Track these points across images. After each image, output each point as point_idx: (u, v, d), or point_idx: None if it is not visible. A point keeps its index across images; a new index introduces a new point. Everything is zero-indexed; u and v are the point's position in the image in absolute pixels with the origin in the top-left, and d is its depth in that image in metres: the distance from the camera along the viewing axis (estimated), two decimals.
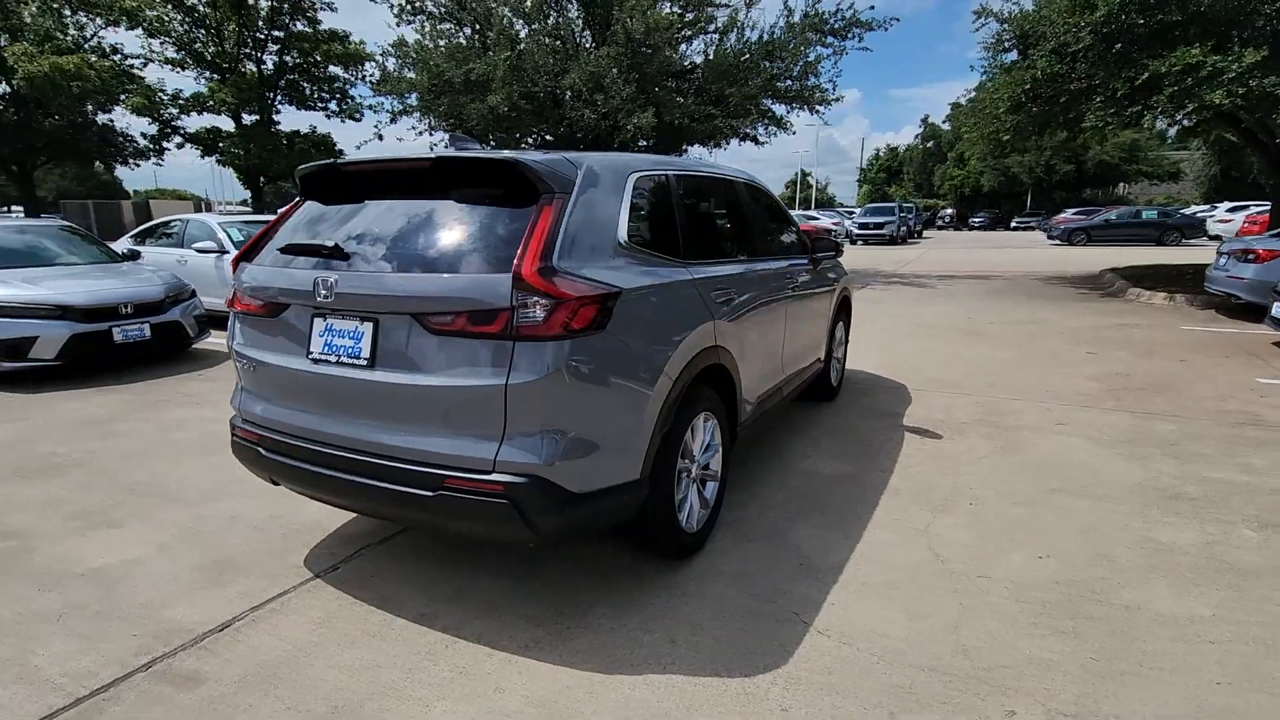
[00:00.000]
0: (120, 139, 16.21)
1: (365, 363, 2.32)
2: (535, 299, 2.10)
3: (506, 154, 2.37)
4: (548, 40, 13.30)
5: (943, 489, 3.64)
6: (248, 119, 16.60)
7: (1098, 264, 16.08)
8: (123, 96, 14.91)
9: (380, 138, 15.24)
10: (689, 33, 14.38)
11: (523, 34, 13.56)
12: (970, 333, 8.25)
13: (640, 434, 2.41)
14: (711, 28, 14.64)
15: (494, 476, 2.15)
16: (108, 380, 6.03)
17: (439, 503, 2.21)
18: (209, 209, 42.35)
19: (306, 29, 16.76)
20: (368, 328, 2.33)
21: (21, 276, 6.27)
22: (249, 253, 2.71)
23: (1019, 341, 7.66)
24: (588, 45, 13.53)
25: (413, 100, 12.99)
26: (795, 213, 37.36)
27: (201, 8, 15.29)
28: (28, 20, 14.13)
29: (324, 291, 2.35)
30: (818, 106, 15.10)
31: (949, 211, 51.25)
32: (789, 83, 14.65)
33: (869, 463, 4.02)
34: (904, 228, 29.29)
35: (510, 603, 2.60)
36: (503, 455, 2.15)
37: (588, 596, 2.64)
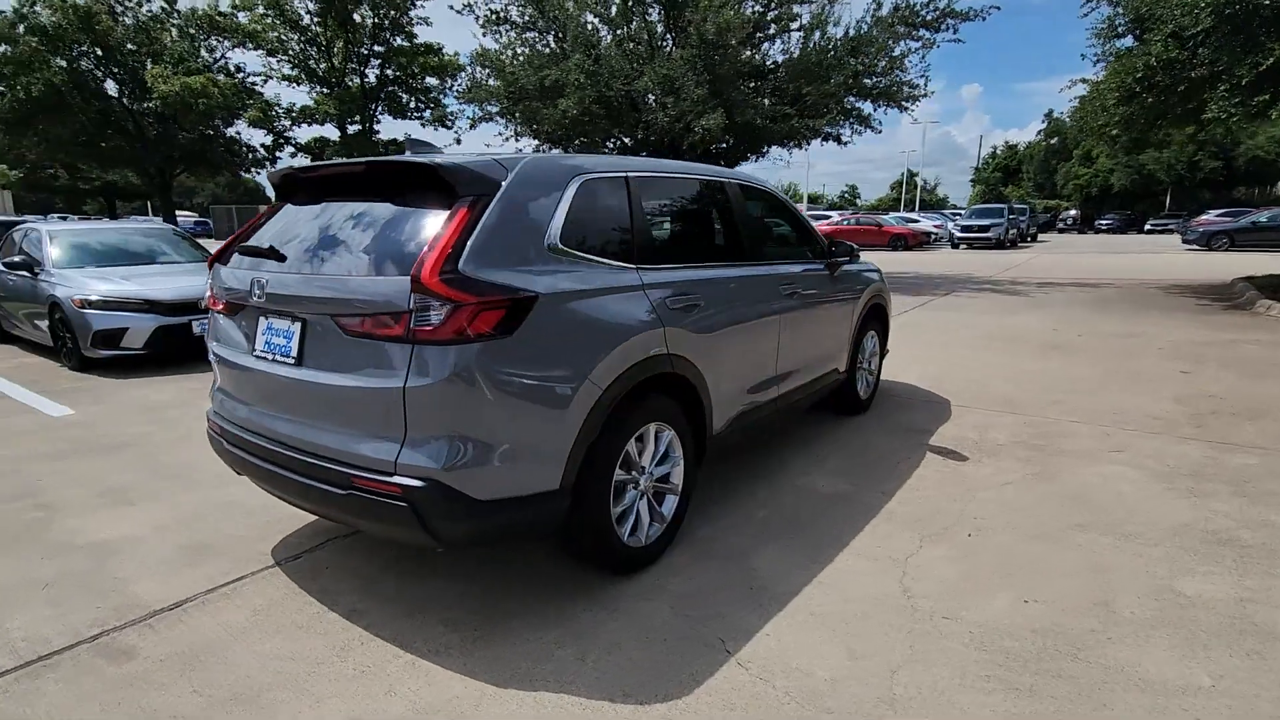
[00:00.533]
0: (243, 149, 17.87)
1: (293, 361, 2.39)
2: (433, 302, 2.09)
3: (427, 157, 2.38)
4: (630, 45, 13.40)
5: (944, 516, 3.32)
6: (352, 129, 17.90)
7: (1233, 272, 14.30)
8: (242, 111, 16.46)
9: (459, 141, 15.89)
10: (772, 30, 14.07)
11: (607, 38, 13.74)
12: (1051, 346, 7.54)
13: (558, 443, 2.34)
14: (795, 25, 14.26)
15: (395, 479, 2.15)
16: (186, 369, 6.61)
17: (349, 502, 2.25)
18: None
19: (405, 43, 17.83)
20: (297, 327, 2.40)
21: (120, 274, 7.01)
22: (222, 254, 2.86)
23: (1105, 357, 6.92)
24: (669, 48, 13.51)
25: (493, 107, 13.46)
26: (891, 215, 35.68)
27: (314, 27, 16.61)
28: (168, 44, 15.88)
29: (258, 292, 2.44)
30: (905, 103, 14.36)
31: (1072, 213, 47.26)
32: (875, 79, 14.03)
33: (872, 483, 3.74)
34: (1014, 230, 27.28)
35: (439, 605, 2.61)
36: (403, 458, 2.15)
37: (519, 605, 2.60)
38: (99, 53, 14.59)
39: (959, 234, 27.30)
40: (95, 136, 14.60)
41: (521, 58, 13.02)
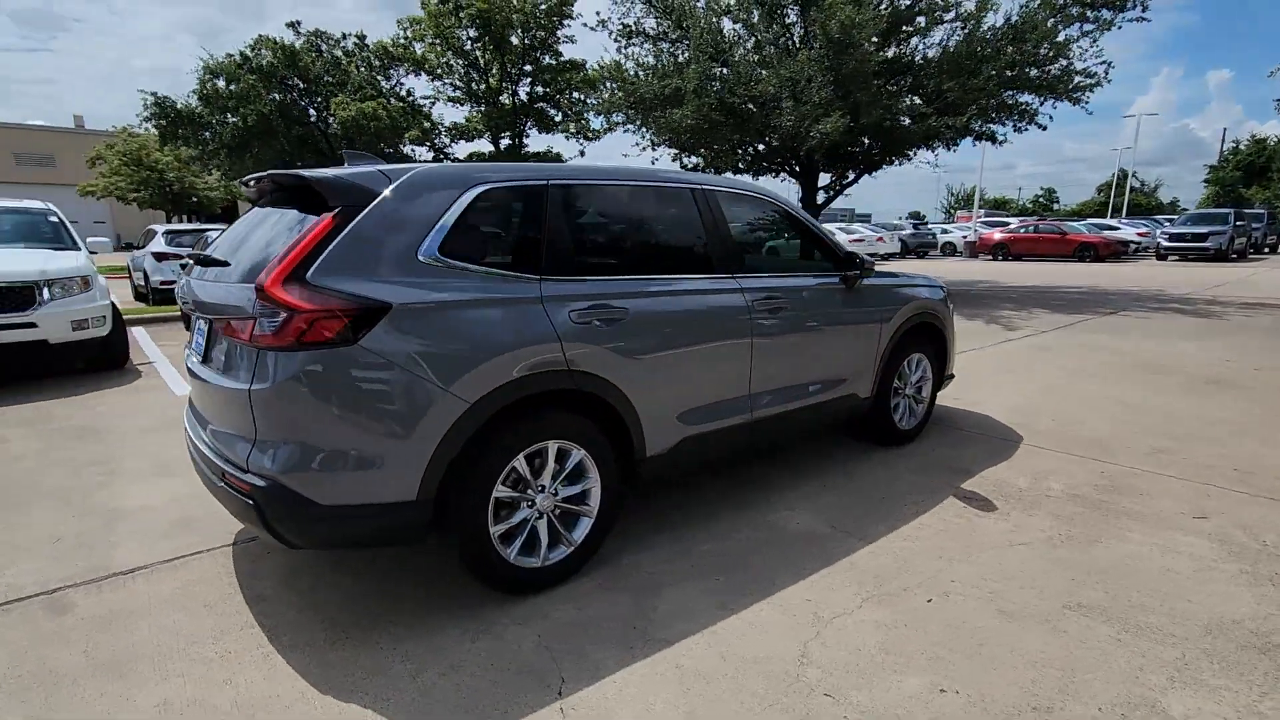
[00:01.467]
0: (434, 161, 19.98)
1: (200, 359, 2.61)
2: (272, 310, 2.17)
3: (306, 171, 2.46)
4: (769, 49, 13.07)
5: (914, 575, 2.84)
6: (504, 144, 19.25)
7: None
8: (406, 131, 18.39)
9: (582, 154, 16.37)
10: (922, 23, 13.02)
11: (748, 44, 13.53)
12: (1209, 381, 6.22)
13: (412, 455, 2.32)
14: (950, 16, 13.09)
15: (246, 477, 2.26)
16: None
17: (223, 495, 2.39)
18: None
19: (552, 61, 18.81)
20: (206, 328, 2.61)
21: None
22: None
23: (1274, 397, 5.57)
24: (796, 50, 13.01)
25: (618, 118, 13.76)
26: (1084, 222, 31.39)
27: (475, 52, 18.11)
28: (352, 74, 18.20)
29: (183, 294, 2.69)
30: (1075, 94, 12.62)
31: None
32: (1039, 70, 12.47)
33: (856, 527, 3.30)
34: (1239, 240, 22.87)
35: (334, 603, 2.69)
36: (251, 458, 2.25)
37: (406, 612, 2.61)
38: (301, 85, 17.08)
39: (1165, 244, 23.43)
40: (294, 156, 17.10)
41: (644, 69, 13.18)
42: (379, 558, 3.03)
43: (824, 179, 15.73)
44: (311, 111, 17.30)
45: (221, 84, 15.58)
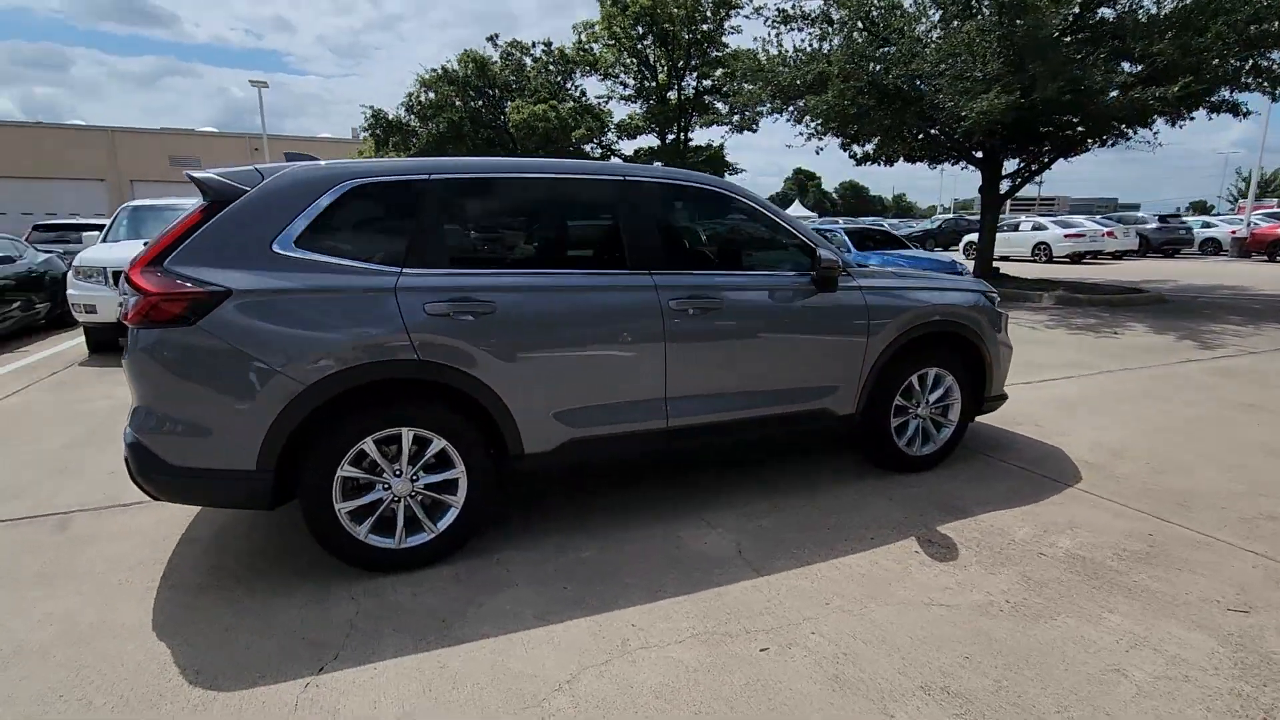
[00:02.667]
0: (602, 158, 21.03)
1: None
2: (134, 291, 2.49)
3: (194, 172, 2.73)
4: (935, 17, 11.82)
5: (776, 618, 2.49)
6: (670, 138, 19.48)
7: None
8: (573, 131, 19.34)
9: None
10: None
11: (917, 19, 12.36)
12: None
13: (248, 428, 2.52)
14: None
15: (124, 433, 2.64)
16: None
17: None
18: None
19: (717, 54, 18.55)
20: None
21: None
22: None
23: None
24: (975, 20, 11.58)
25: (762, 108, 13.24)
26: None
27: (646, 50, 18.51)
28: (531, 79, 19.61)
29: None
30: None
31: None
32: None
33: (766, 556, 2.95)
34: None
35: (233, 552, 3.02)
36: (130, 418, 2.62)
37: (277, 572, 2.85)
38: (490, 93, 18.83)
39: None
40: (485, 157, 18.99)
41: (782, 58, 12.51)
42: (300, 549, 3.31)
43: (1011, 165, 13.81)
44: (502, 116, 19.01)
45: (423, 94, 17.83)
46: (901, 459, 3.83)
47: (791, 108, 12.53)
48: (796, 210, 54.63)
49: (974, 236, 19.10)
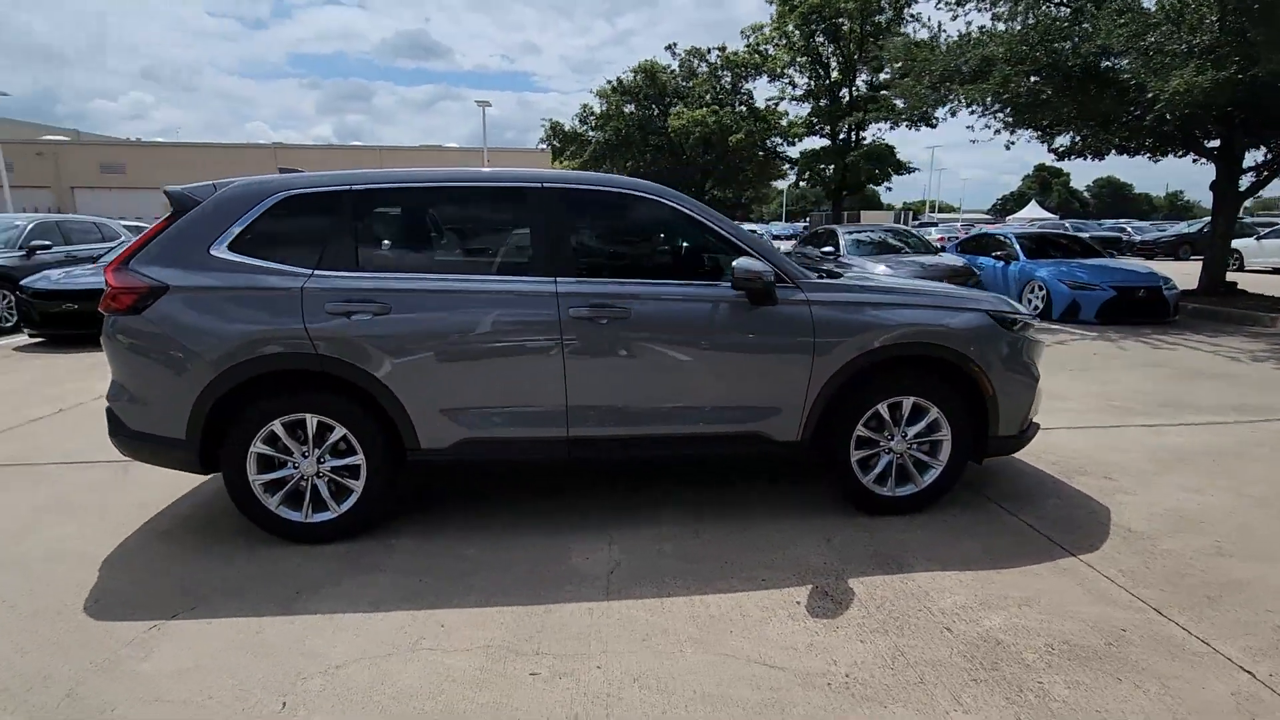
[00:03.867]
0: (754, 164, 20.57)
1: None
2: (107, 284, 3.05)
3: (168, 186, 3.22)
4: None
5: (548, 642, 2.36)
6: (839, 137, 18.37)
7: None
8: (731, 134, 18.95)
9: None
10: None
11: None
12: None
13: (175, 403, 2.95)
14: None
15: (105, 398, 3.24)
16: None
17: None
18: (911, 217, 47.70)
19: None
20: None
21: None
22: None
23: None
24: None
25: (931, 95, 11.96)
26: None
27: (817, 47, 17.68)
28: (695, 86, 19.67)
29: None
30: None
31: None
32: None
33: (630, 589, 2.79)
34: None
35: (164, 526, 3.55)
36: (109, 388, 3.21)
37: (221, 530, 3.32)
38: (660, 100, 19.32)
39: None
40: (649, 164, 19.55)
41: (944, 42, 11.19)
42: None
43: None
44: (665, 122, 19.45)
45: (596, 105, 18.87)
46: (869, 498, 3.37)
47: (953, 99, 11.27)
48: (1032, 211, 48.06)
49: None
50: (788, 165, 19.06)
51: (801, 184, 22.50)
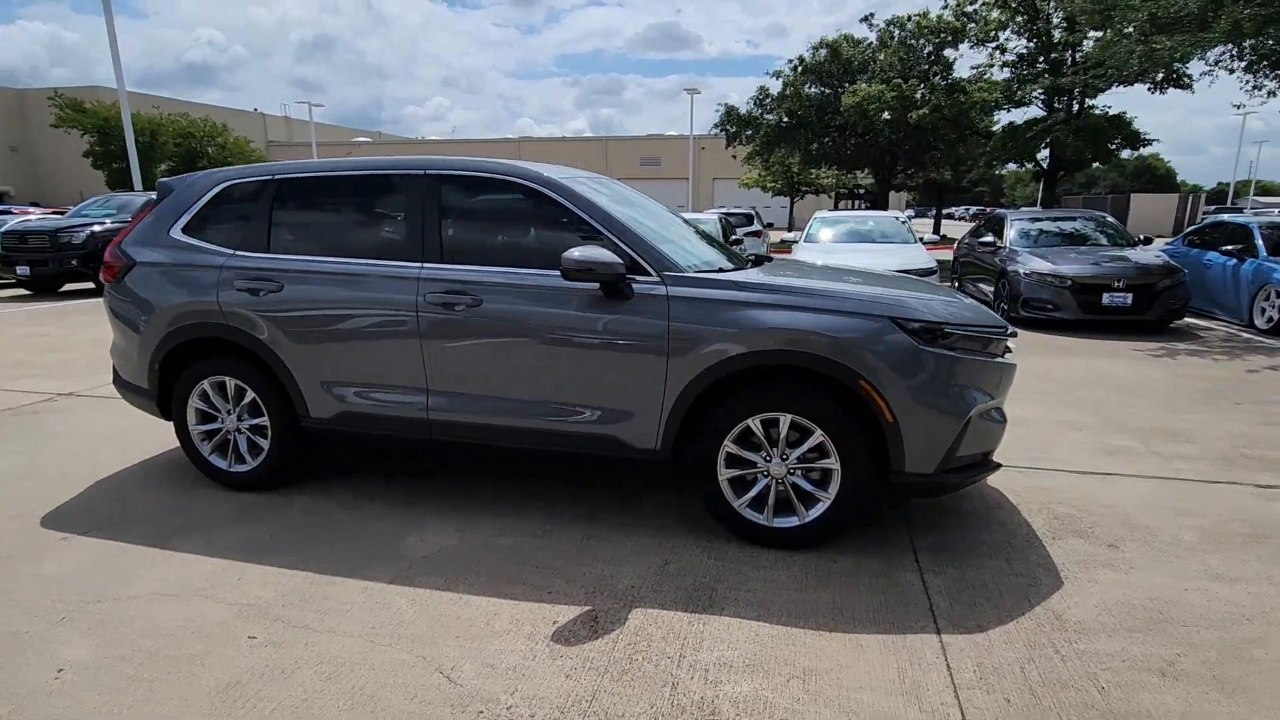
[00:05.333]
0: (958, 138, 17.90)
1: None
2: (104, 259, 3.74)
3: (166, 179, 3.82)
4: None
5: (295, 616, 2.45)
6: (1052, 109, 15.22)
7: None
8: (913, 110, 16.56)
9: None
10: None
11: None
12: None
13: (140, 357, 3.54)
14: None
15: None
16: None
17: None
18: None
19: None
20: None
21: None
22: None
23: None
24: None
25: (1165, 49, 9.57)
26: None
27: (1039, 6, 14.81)
28: (880, 59, 17.61)
29: None
30: None
31: None
32: None
33: (408, 573, 2.79)
34: None
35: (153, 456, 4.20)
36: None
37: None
38: (840, 78, 17.86)
39: None
40: (834, 144, 18.25)
41: None
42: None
43: None
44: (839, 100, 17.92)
45: (774, 86, 17.96)
46: (741, 524, 2.96)
47: (1173, 49, 9.01)
48: None
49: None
50: (985, 141, 16.54)
51: (1009, 165, 19.43)
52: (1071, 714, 1.97)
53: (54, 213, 16.48)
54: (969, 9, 16.47)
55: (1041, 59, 14.86)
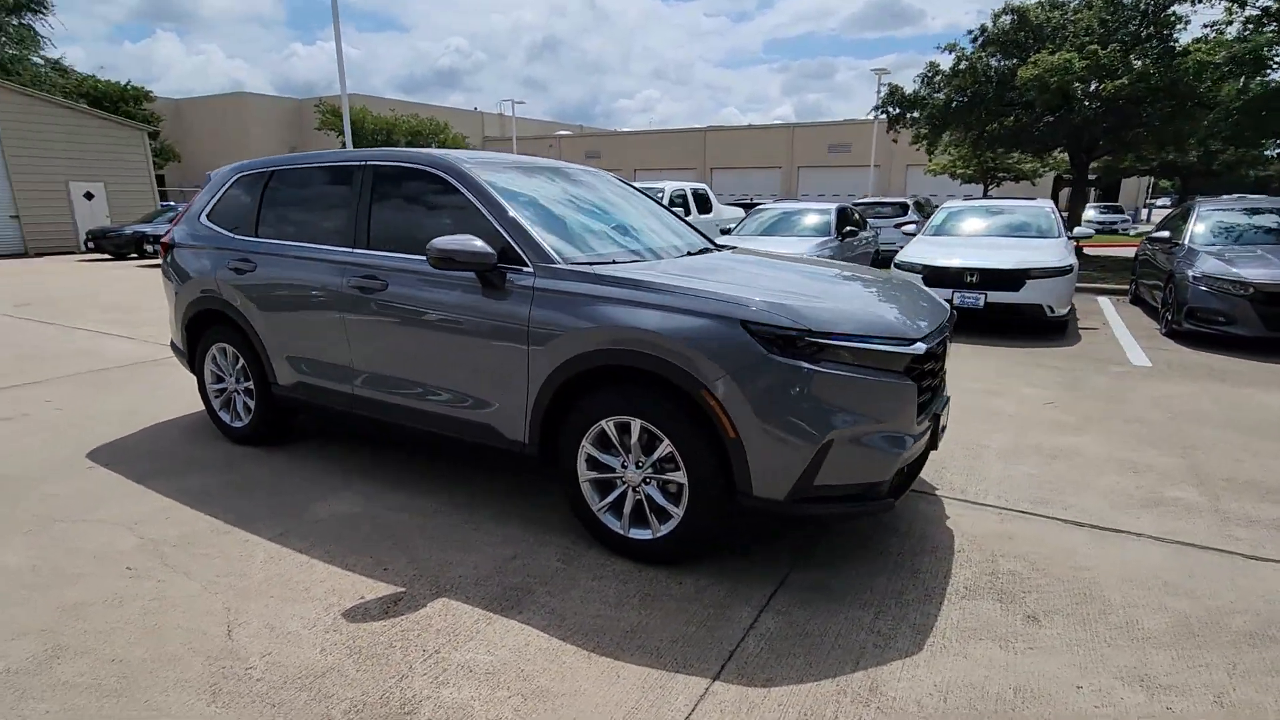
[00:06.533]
0: (1173, 111, 14.61)
1: None
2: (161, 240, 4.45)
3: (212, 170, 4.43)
4: None
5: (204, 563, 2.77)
6: None
7: None
8: (1111, 79, 13.47)
9: None
10: None
11: None
12: None
13: (178, 323, 4.22)
14: None
15: None
16: None
17: None
18: None
19: None
20: None
21: None
22: None
23: None
24: None
25: None
26: None
27: None
28: (1078, 21, 14.64)
29: None
30: None
31: None
32: None
33: (318, 539, 3.02)
34: None
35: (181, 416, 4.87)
36: None
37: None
38: (1026, 47, 15.40)
39: None
40: (1024, 125, 15.91)
41: None
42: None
43: None
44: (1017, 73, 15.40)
45: (945, 61, 15.99)
46: (600, 531, 2.82)
47: None
48: None
49: None
50: (1209, 113, 13.32)
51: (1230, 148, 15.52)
52: None
53: None
54: None
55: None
